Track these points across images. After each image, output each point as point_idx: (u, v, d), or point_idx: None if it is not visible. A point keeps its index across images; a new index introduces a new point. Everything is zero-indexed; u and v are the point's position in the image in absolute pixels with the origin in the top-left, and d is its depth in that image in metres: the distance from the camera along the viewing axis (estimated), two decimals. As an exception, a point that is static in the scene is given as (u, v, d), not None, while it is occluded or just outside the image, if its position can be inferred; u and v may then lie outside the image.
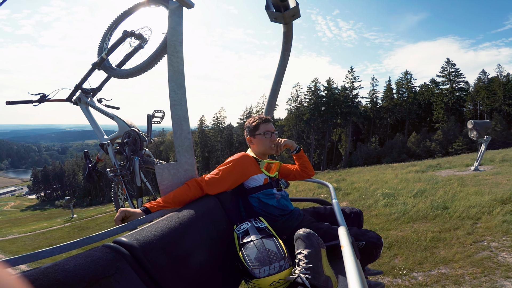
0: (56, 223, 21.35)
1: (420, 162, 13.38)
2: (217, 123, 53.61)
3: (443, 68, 43.70)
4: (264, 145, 1.76)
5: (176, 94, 1.54)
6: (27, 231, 18.69)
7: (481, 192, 4.76)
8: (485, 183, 5.63)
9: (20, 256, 0.89)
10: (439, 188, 5.53)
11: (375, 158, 38.07)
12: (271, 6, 1.78)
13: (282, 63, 2.19)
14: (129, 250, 0.92)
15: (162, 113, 2.19)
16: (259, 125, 1.78)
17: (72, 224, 18.07)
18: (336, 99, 44.40)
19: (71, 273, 0.73)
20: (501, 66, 41.09)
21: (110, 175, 2.12)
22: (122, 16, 2.36)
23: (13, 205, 68.80)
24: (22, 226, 24.47)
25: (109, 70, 2.34)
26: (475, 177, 6.49)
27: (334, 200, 1.65)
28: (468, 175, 6.93)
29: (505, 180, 5.69)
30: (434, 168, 9.67)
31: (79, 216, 22.48)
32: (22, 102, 2.42)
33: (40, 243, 12.34)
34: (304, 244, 1.17)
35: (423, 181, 6.66)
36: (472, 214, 3.75)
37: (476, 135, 8.39)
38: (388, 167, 13.75)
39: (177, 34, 1.58)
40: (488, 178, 6.16)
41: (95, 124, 2.47)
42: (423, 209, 4.25)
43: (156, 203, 1.36)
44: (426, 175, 7.87)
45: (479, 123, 8.35)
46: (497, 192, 4.55)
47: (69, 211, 25.56)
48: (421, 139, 38.12)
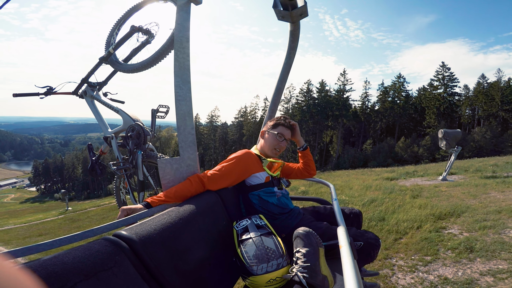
0: (51, 215, 21.51)
1: (399, 168, 13.18)
2: (211, 122, 53.79)
3: (438, 72, 43.07)
4: (271, 144, 1.76)
5: (181, 90, 1.55)
6: (22, 222, 18.90)
7: (426, 205, 4.61)
8: (438, 195, 5.46)
9: (20, 249, 0.90)
10: (390, 199, 5.34)
11: (361, 162, 37.91)
12: (278, 5, 1.78)
13: (288, 62, 2.19)
14: (129, 244, 0.92)
15: (167, 108, 2.21)
16: (279, 125, 1.78)
17: (65, 216, 18.27)
18: (328, 101, 44.38)
19: (69, 266, 0.73)
20: (501, 71, 40.42)
21: (112, 168, 2.13)
22: (131, 11, 2.38)
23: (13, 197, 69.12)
24: (19, 218, 24.69)
25: (116, 65, 2.35)
26: (434, 188, 6.29)
27: (334, 200, 1.65)
28: (429, 186, 6.76)
29: (460, 193, 5.50)
30: (409, 175, 9.51)
31: (74, 208, 22.67)
32: (29, 94, 2.45)
33: (31, 233, 12.53)
34: (303, 242, 1.17)
35: (381, 190, 6.48)
36: (401, 228, 3.60)
37: (446, 145, 8.17)
38: (368, 171, 13.63)
39: (184, 30, 1.59)
40: (445, 190, 5.95)
41: (99, 117, 2.49)
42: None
43: (158, 198, 1.37)
44: (390, 183, 7.72)
45: (449, 133, 8.08)
46: (441, 206, 4.40)
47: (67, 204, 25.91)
48: (410, 144, 37.81)
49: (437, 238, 3.20)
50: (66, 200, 25.56)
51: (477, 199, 4.88)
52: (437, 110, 41.16)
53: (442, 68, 42.66)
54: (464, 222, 3.62)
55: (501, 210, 3.92)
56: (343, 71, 45.98)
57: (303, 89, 46.73)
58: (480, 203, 4.48)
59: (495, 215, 3.76)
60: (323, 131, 45.92)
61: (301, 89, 46.95)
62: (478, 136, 35.05)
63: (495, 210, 3.94)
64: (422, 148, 36.00)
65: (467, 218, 3.79)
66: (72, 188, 65.39)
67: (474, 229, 3.34)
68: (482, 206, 4.29)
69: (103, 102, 2.47)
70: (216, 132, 53.50)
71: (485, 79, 41.76)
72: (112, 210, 15.74)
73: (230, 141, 52.55)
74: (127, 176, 2.23)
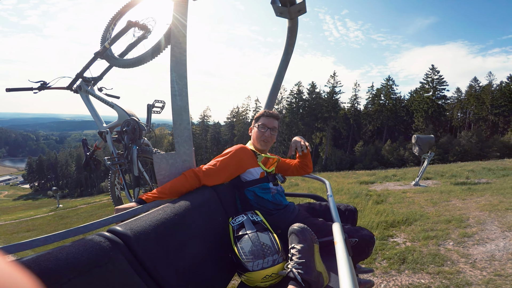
0: (41, 212, 21.44)
1: (381, 172, 13.13)
2: (203, 121, 53.99)
3: (427, 75, 42.95)
4: (256, 137, 1.78)
5: (177, 85, 1.54)
6: (12, 219, 18.89)
7: (384, 211, 4.52)
8: (402, 201, 5.41)
9: (13, 245, 0.89)
10: (353, 203, 5.18)
11: (347, 164, 38.03)
12: (277, 1, 1.77)
13: (285, 58, 2.18)
14: (123, 240, 0.91)
15: (163, 103, 2.19)
16: (260, 117, 1.81)
17: (55, 213, 18.23)
18: (317, 103, 44.50)
19: (63, 262, 0.73)
20: (492, 74, 40.62)
21: (107, 164, 2.11)
22: (127, 6, 2.35)
23: (6, 194, 68.34)
24: (10, 214, 24.63)
25: (111, 60, 2.33)
26: (401, 194, 6.23)
27: (329, 196, 1.66)
28: (398, 191, 6.72)
29: (423, 199, 5.40)
30: (386, 179, 9.45)
31: (65, 206, 22.55)
32: (22, 89, 2.41)
33: (20, 229, 12.56)
34: (298, 238, 1.17)
35: (349, 194, 6.42)
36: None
37: (418, 151, 8.17)
38: (351, 174, 13.52)
39: (181, 25, 1.57)
40: (410, 196, 5.88)
41: (94, 113, 2.46)
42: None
43: (152, 194, 1.36)
44: (361, 187, 7.66)
45: (422, 138, 8.05)
46: (398, 213, 4.35)
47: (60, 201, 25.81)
48: (397, 147, 37.94)
49: (379, 247, 3.15)
50: (57, 198, 25.46)
51: (436, 206, 4.83)
52: (425, 113, 41.30)
53: (432, 71, 42.59)
54: (412, 231, 3.57)
55: (452, 219, 3.87)
56: (333, 73, 46.02)
57: (293, 91, 46.79)
58: (436, 211, 4.44)
59: (444, 224, 3.73)
60: (313, 133, 46.06)
61: (291, 91, 47.03)
62: (464, 140, 35.25)
63: (446, 220, 3.89)
64: (408, 151, 35.97)
65: (416, 226, 3.75)
66: (65, 186, 64.88)
67: (417, 239, 3.30)
68: (436, 215, 4.23)
69: (98, 97, 2.44)
70: (208, 132, 53.67)
71: (477, 82, 42.02)
72: (102, 207, 15.68)
73: (222, 141, 52.74)
74: (122, 171, 2.21)
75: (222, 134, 54.05)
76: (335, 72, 46.09)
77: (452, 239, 3.23)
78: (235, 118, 54.05)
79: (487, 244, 3.01)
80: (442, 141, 36.36)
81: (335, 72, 46.34)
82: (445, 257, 2.77)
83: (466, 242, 3.13)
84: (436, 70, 42.31)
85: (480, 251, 2.87)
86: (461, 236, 3.29)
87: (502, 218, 3.77)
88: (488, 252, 2.82)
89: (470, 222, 3.75)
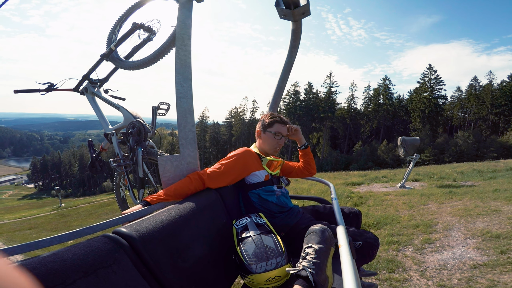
0: (44, 211, 21.74)
1: (373, 172, 13.03)
2: (201, 122, 54.18)
3: (424, 74, 42.52)
4: (270, 144, 1.74)
5: (182, 87, 1.55)
6: (16, 218, 19.21)
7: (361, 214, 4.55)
8: (380, 204, 5.37)
9: (19, 245, 0.90)
10: None
11: (343, 164, 37.85)
12: (281, 3, 1.77)
13: (289, 60, 2.18)
14: (128, 241, 0.92)
15: (168, 105, 2.20)
16: (274, 123, 1.75)
17: (57, 212, 18.50)
18: (314, 103, 44.36)
19: (69, 263, 0.73)
20: (492, 73, 40.19)
21: (113, 165, 2.13)
22: (132, 8, 2.37)
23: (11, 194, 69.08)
24: (14, 213, 24.97)
25: (117, 62, 2.35)
26: (382, 196, 6.17)
27: (334, 199, 1.65)
28: (381, 193, 6.64)
29: (402, 202, 5.39)
30: (375, 180, 9.37)
31: (67, 205, 22.80)
32: (30, 90, 2.44)
33: (22, 227, 12.83)
34: (318, 239, 1.15)
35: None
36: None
37: (403, 153, 8.15)
38: (344, 174, 13.49)
39: (186, 28, 1.58)
40: (390, 199, 5.84)
41: (100, 114, 2.49)
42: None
43: (157, 196, 1.37)
44: (346, 188, 7.63)
45: (407, 141, 8.06)
46: (371, 216, 4.33)
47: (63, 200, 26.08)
48: (392, 148, 37.55)
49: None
50: (59, 197, 25.70)
51: (411, 210, 4.79)
52: (422, 113, 40.92)
53: (429, 71, 42.13)
54: (378, 235, 3.52)
55: (421, 224, 3.85)
56: (330, 73, 45.91)
57: (290, 91, 46.70)
58: (409, 215, 4.40)
59: (411, 229, 3.71)
60: (311, 133, 45.92)
61: (288, 91, 46.90)
62: (460, 141, 34.79)
63: (415, 224, 3.87)
64: (404, 152, 35.71)
65: (385, 230, 3.72)
66: (69, 185, 65.42)
67: (381, 244, 3.23)
68: (408, 219, 4.20)
69: (104, 99, 2.46)
70: (206, 132, 53.79)
71: (478, 82, 41.55)
72: (102, 206, 15.81)
73: (221, 141, 52.81)
74: (127, 173, 2.23)
75: (222, 134, 54.14)
76: (332, 72, 46.17)
77: (413, 245, 3.20)
78: (233, 118, 54.19)
79: (445, 251, 2.98)
80: (439, 141, 36.01)
81: (331, 72, 46.43)
82: (399, 264, 2.75)
83: (425, 248, 3.10)
84: (433, 70, 42.01)
85: (435, 258, 2.84)
86: (423, 242, 3.26)
87: (471, 224, 3.71)
88: (442, 260, 2.79)
89: (437, 228, 3.71)
